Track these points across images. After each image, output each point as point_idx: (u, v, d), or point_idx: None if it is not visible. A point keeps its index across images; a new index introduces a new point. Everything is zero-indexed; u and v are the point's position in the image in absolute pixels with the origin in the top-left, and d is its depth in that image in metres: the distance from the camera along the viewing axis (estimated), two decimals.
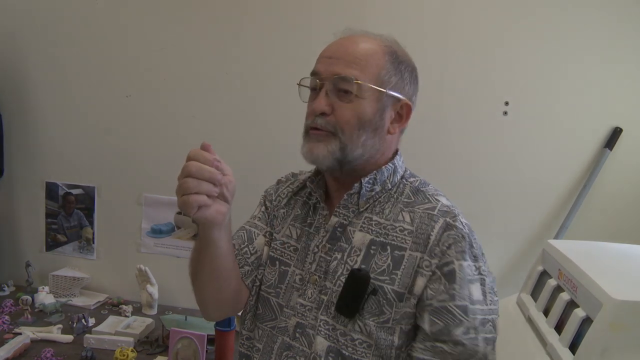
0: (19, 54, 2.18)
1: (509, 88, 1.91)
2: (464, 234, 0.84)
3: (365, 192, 0.90)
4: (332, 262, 0.89)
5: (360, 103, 0.86)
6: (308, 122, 0.89)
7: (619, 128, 1.86)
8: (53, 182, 2.25)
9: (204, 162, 0.73)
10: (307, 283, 0.91)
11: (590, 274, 1.12)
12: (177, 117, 2.11)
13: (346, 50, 0.87)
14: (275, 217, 1.02)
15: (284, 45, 1.99)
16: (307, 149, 0.88)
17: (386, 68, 0.87)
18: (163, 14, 2.06)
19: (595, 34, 1.83)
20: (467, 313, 0.80)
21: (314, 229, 0.94)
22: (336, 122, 0.86)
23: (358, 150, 0.87)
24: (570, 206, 1.89)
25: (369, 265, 0.86)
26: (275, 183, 1.09)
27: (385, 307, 0.84)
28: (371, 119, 0.87)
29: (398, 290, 0.84)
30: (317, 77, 0.88)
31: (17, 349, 1.62)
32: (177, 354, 1.58)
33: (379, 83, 0.86)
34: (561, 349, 1.11)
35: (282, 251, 0.97)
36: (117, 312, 2.05)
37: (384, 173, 0.91)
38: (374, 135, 0.88)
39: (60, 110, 2.19)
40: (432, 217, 0.86)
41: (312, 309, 0.89)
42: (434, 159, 1.96)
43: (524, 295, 1.44)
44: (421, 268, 0.83)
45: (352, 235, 0.90)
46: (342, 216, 0.91)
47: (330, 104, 0.86)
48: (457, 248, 0.83)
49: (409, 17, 1.91)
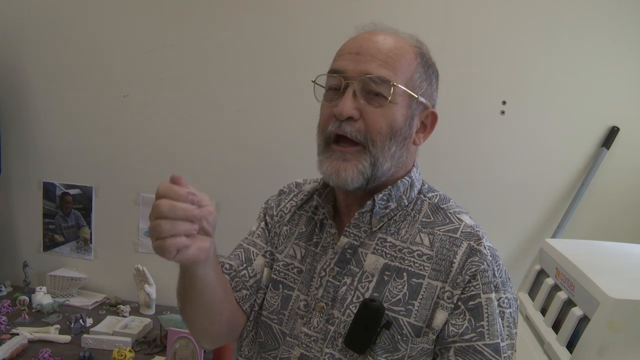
0: (15, 53, 2.18)
1: (507, 87, 1.91)
2: (488, 261, 0.75)
3: (378, 209, 0.79)
4: (341, 287, 0.79)
5: (392, 109, 0.75)
6: (331, 128, 0.76)
7: (616, 127, 1.86)
8: (50, 182, 2.24)
9: (176, 198, 0.63)
10: (313, 310, 0.81)
11: (587, 273, 1.12)
12: (174, 117, 2.10)
13: (377, 47, 0.75)
14: (277, 234, 0.91)
15: (283, 45, 1.98)
16: (332, 170, 0.76)
17: (418, 71, 0.78)
18: (161, 14, 2.06)
19: (593, 34, 1.83)
20: (499, 353, 0.73)
21: (320, 248, 0.84)
22: (366, 130, 0.75)
23: (387, 163, 0.77)
24: (568, 205, 1.90)
25: (382, 294, 0.76)
26: (277, 194, 0.97)
27: (400, 343, 0.74)
28: (401, 128, 0.77)
29: (415, 323, 0.74)
30: (341, 75, 0.76)
31: (14, 350, 1.61)
32: (175, 354, 1.58)
33: (411, 87, 0.77)
34: (558, 347, 1.12)
35: (286, 273, 0.86)
36: (114, 312, 2.05)
37: (400, 188, 0.81)
38: (402, 147, 0.78)
39: (57, 110, 2.19)
40: (454, 240, 0.77)
41: (318, 340, 0.79)
42: (431, 158, 1.96)
43: (522, 294, 1.44)
44: (442, 300, 0.74)
45: (364, 258, 0.79)
46: (352, 236, 0.81)
47: (357, 108, 0.74)
48: (483, 279, 0.74)
49: (407, 16, 1.91)
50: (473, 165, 1.96)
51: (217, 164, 2.09)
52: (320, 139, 0.79)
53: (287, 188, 0.97)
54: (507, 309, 0.75)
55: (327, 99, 0.79)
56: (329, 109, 0.77)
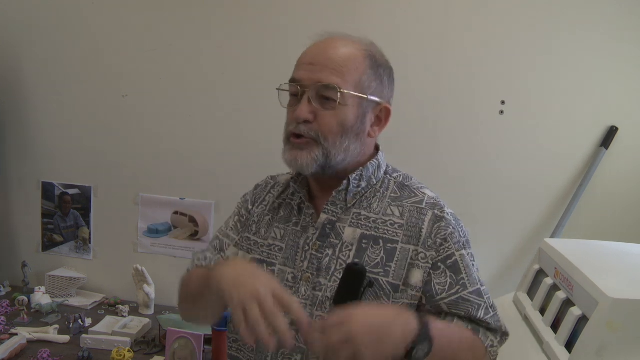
0: (14, 53, 2.17)
1: (506, 87, 1.91)
2: (452, 225, 0.89)
3: (352, 188, 0.92)
4: (324, 259, 0.90)
5: (343, 110, 0.86)
6: (290, 128, 0.89)
7: (615, 127, 1.86)
8: (49, 182, 2.24)
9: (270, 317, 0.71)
10: (300, 281, 0.91)
11: (586, 273, 1.12)
12: (174, 117, 2.10)
13: (327, 56, 0.87)
14: (255, 222, 1.01)
15: (282, 45, 1.98)
16: (291, 156, 0.89)
17: (367, 73, 0.88)
18: (160, 14, 2.06)
19: (592, 33, 1.84)
20: (481, 295, 0.88)
21: (300, 227, 0.95)
22: (319, 129, 0.87)
23: (340, 155, 0.88)
24: (567, 205, 1.90)
25: (363, 259, 0.88)
26: (253, 188, 1.09)
27: (382, 298, 0.86)
28: (353, 125, 0.88)
29: (393, 282, 0.87)
30: (298, 84, 0.88)
31: (13, 350, 1.61)
32: (174, 354, 1.58)
33: (360, 89, 0.88)
34: (557, 347, 1.12)
35: (269, 253, 0.96)
36: (113, 312, 2.04)
37: (369, 169, 0.93)
38: (355, 140, 0.90)
39: (56, 109, 2.18)
40: (420, 210, 0.90)
41: (307, 305, 0.89)
42: (430, 158, 1.96)
43: (521, 293, 1.44)
44: (416, 260, 0.87)
45: (342, 231, 0.91)
46: (330, 213, 0.92)
47: (312, 111, 0.87)
48: (453, 239, 0.88)
49: (406, 17, 1.91)
50: (472, 165, 1.96)
51: (216, 163, 2.09)
52: (284, 136, 0.92)
53: (263, 182, 1.08)
54: (475, 261, 0.91)
55: (290, 104, 0.92)
56: (290, 112, 0.90)
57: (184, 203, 2.15)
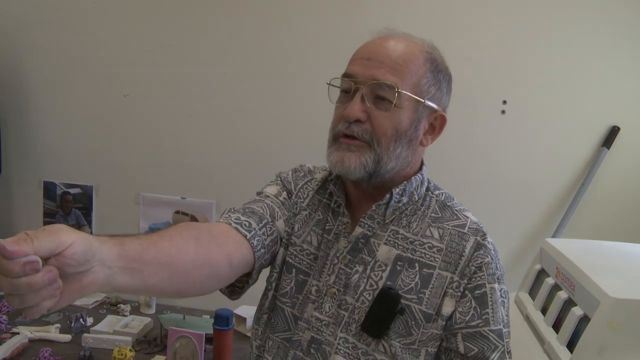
0: (15, 52, 2.17)
1: (507, 87, 1.91)
2: (492, 255, 0.83)
3: (394, 203, 0.85)
4: (353, 275, 0.84)
5: (398, 113, 0.80)
6: (340, 127, 0.82)
7: (616, 127, 1.86)
8: (51, 181, 2.24)
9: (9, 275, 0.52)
10: (325, 296, 0.85)
11: (587, 273, 1.12)
12: (175, 117, 2.10)
13: (387, 53, 0.80)
14: (294, 214, 0.92)
15: (283, 45, 1.98)
16: (338, 158, 0.81)
17: (426, 77, 0.82)
18: (161, 13, 2.06)
19: (593, 33, 1.83)
20: (502, 338, 0.80)
21: (332, 235, 0.88)
22: (373, 131, 0.80)
23: (391, 163, 0.81)
24: (568, 205, 1.90)
25: (396, 282, 0.82)
26: (292, 171, 0.99)
27: (413, 328, 0.80)
28: (407, 130, 0.82)
29: (426, 311, 0.80)
30: (352, 79, 0.81)
31: (15, 349, 1.61)
32: (176, 353, 1.58)
33: (417, 92, 0.81)
34: (559, 347, 1.12)
35: (301, 258, 0.89)
36: (115, 312, 2.04)
37: (413, 184, 0.86)
38: (407, 148, 0.83)
39: (57, 109, 2.19)
40: (462, 235, 0.83)
41: (330, 324, 0.83)
42: (431, 157, 1.96)
43: (522, 293, 1.44)
44: (450, 289, 0.80)
45: (377, 248, 0.84)
46: (366, 227, 0.85)
47: (365, 110, 0.80)
48: (488, 270, 0.81)
49: (406, 16, 1.91)
50: (473, 165, 1.96)
51: (217, 163, 2.09)
52: (330, 135, 0.85)
53: (301, 170, 0.99)
54: (506, 299, 0.83)
55: (340, 100, 0.85)
56: (340, 110, 0.83)
57: (185, 202, 2.15)
